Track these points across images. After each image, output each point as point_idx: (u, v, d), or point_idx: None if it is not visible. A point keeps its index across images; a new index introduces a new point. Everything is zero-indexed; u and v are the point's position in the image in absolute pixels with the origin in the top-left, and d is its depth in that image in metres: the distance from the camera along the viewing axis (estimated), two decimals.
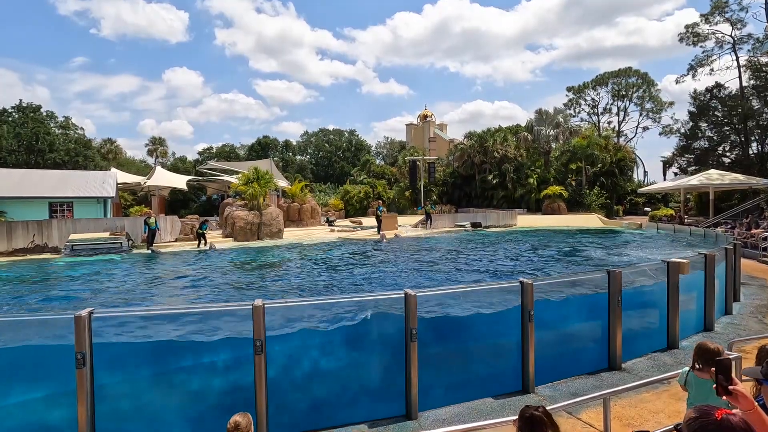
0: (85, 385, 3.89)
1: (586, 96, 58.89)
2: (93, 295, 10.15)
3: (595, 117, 59.51)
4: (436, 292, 5.31)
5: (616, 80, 56.59)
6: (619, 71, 56.36)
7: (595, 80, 57.73)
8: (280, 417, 4.27)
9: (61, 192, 26.40)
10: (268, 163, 35.09)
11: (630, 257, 15.14)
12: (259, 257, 16.73)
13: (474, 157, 43.76)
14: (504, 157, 42.57)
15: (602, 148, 41.65)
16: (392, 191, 47.13)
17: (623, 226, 29.28)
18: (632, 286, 6.43)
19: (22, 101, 48.10)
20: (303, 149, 76.27)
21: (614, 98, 57.73)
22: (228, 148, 69.00)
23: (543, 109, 46.47)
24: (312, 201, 32.11)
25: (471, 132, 47.85)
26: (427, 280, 11.50)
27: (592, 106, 59.28)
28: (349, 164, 66.65)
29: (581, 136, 43.32)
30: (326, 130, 77.32)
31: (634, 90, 56.44)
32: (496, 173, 42.53)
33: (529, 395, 5.04)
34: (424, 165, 41.23)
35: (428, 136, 68.17)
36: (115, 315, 4.19)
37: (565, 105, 58.01)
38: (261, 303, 4.13)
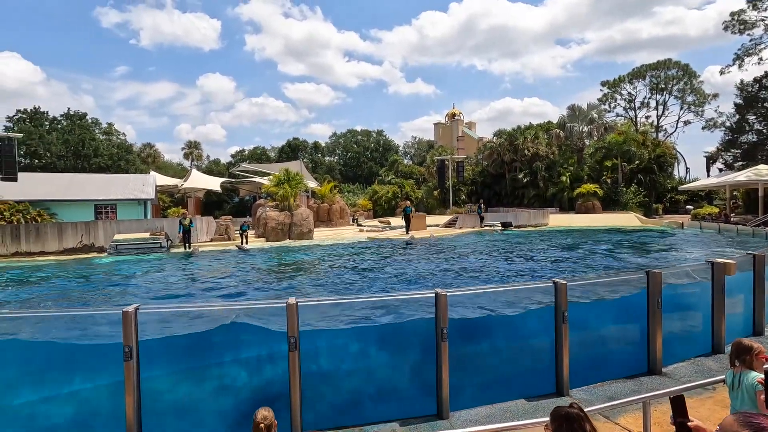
0: (132, 378, 4.11)
1: (622, 90, 56.69)
2: (138, 291, 10.68)
3: (632, 112, 57.21)
4: (467, 291, 5.28)
5: (655, 73, 54.16)
6: (657, 63, 53.92)
7: (632, 73, 55.47)
8: (312, 413, 4.37)
9: (105, 194, 27.88)
10: (298, 165, 35.76)
11: (671, 257, 14.49)
12: (291, 256, 17.09)
13: (503, 155, 43.01)
14: (535, 155, 41.60)
15: (640, 144, 39.99)
16: (420, 191, 46.99)
17: (663, 225, 28.02)
18: (673, 287, 6.17)
19: (69, 109, 51.15)
20: (331, 150, 77.18)
21: (652, 92, 55.28)
22: (259, 151, 70.74)
23: (576, 105, 45.08)
24: (341, 201, 32.47)
25: (500, 130, 47.09)
26: (458, 280, 11.42)
27: (629, 101, 57.00)
28: (377, 164, 66.91)
29: (617, 132, 41.77)
30: (354, 131, 77.93)
31: (674, 83, 53.87)
32: (527, 171, 41.62)
33: (563, 398, 4.93)
34: (452, 164, 40.88)
35: (456, 135, 67.51)
36: (158, 311, 4.41)
37: (600, 100, 55.98)
38: (294, 301, 4.23)
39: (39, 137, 45.47)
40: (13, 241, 18.16)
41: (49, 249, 18.51)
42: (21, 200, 24.09)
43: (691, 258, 13.82)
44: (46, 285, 12.19)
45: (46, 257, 17.81)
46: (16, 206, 23.68)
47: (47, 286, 11.96)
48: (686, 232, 23.85)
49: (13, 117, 48.77)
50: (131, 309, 4.08)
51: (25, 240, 18.32)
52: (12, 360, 4.26)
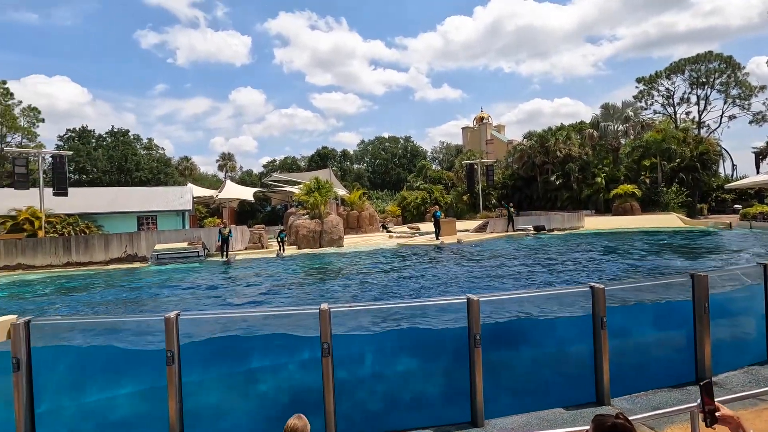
0: (174, 381, 4.29)
1: (659, 86, 54.36)
2: (179, 298, 11.12)
3: (671, 108, 54.72)
4: (500, 297, 5.20)
5: (695, 66, 51.64)
6: (697, 56, 51.42)
7: (670, 68, 53.13)
8: (347, 418, 4.40)
9: (147, 206, 29.31)
10: (328, 173, 36.32)
11: (718, 259, 13.71)
12: (324, 263, 17.33)
13: (534, 157, 42.05)
14: (567, 157, 40.44)
15: (680, 142, 38.14)
16: (449, 196, 46.59)
17: (709, 226, 26.56)
18: (723, 291, 5.84)
19: (113, 127, 54.22)
20: (360, 158, 77.90)
21: (693, 86, 52.71)
22: (290, 160, 72.36)
23: (609, 103, 43.51)
24: (370, 208, 32.67)
25: (530, 132, 46.15)
26: (490, 285, 11.24)
27: (667, 97, 54.58)
28: (406, 171, 66.95)
29: (655, 130, 40.02)
30: (382, 138, 78.39)
31: (716, 76, 51.17)
32: (560, 173, 40.49)
33: (603, 407, 4.75)
34: (481, 168, 40.37)
35: (485, 138, 66.70)
36: (198, 317, 4.59)
37: (635, 98, 53.90)
38: (327, 307, 4.30)
39: (86, 154, 48.41)
40: (65, 252, 19.35)
41: (97, 259, 19.59)
42: (71, 213, 25.71)
43: (742, 260, 13.02)
44: (98, 293, 12.90)
45: (94, 267, 18.86)
46: (67, 219, 25.27)
47: (99, 294, 12.67)
48: (735, 233, 22.49)
49: (63, 136, 52.23)
50: (173, 315, 4.26)
51: (75, 251, 19.48)
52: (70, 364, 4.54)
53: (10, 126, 47.05)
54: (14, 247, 18.88)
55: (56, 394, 4.39)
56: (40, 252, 19.13)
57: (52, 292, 13.48)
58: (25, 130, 48.36)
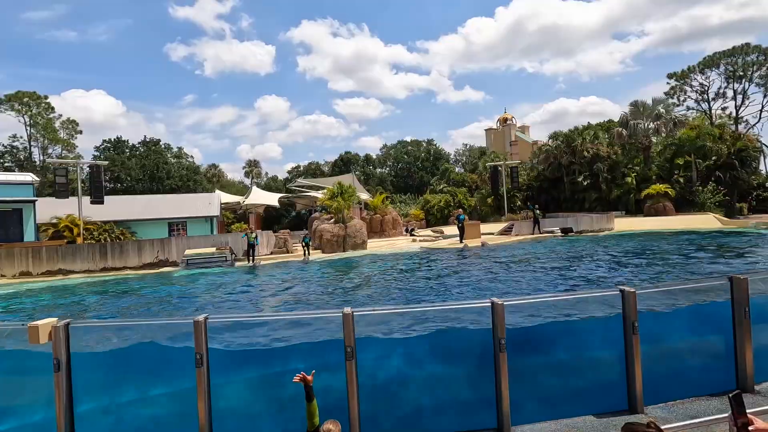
0: (203, 383, 4.40)
1: (693, 81, 52.18)
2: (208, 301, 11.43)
3: (705, 104, 52.41)
4: (525, 301, 5.10)
5: (730, 60, 49.36)
6: (733, 49, 49.13)
7: (703, 62, 50.96)
8: (371, 422, 4.40)
9: (177, 213, 30.29)
10: (351, 178, 36.59)
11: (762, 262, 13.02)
12: (348, 267, 17.45)
13: (561, 158, 41.11)
14: (595, 156, 39.35)
15: (716, 139, 36.51)
16: (473, 199, 46.08)
17: (750, 226, 25.26)
18: (765, 294, 5.53)
19: (145, 137, 56.42)
20: (383, 162, 78.12)
21: (729, 81, 50.36)
22: (313, 166, 73.32)
23: (639, 100, 42.07)
24: (393, 212, 32.70)
25: (556, 132, 45.19)
26: (514, 289, 11.04)
27: (701, 92, 52.32)
28: (428, 174, 66.66)
29: (688, 127, 38.47)
30: (404, 142, 78.36)
31: (754, 69, 48.73)
32: (587, 174, 39.41)
33: (637, 415, 4.57)
34: (506, 170, 39.77)
35: (509, 139, 65.75)
36: (225, 320, 4.70)
37: (667, 94, 51.92)
38: (350, 311, 4.32)
39: (121, 164, 50.53)
40: (101, 257, 20.22)
41: (131, 264, 20.37)
42: (107, 221, 26.86)
43: None
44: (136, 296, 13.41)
45: (128, 272, 19.63)
46: (104, 226, 26.40)
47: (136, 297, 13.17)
48: None
49: (99, 147, 54.71)
50: (201, 318, 4.38)
51: (111, 256, 20.32)
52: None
53: (51, 138, 49.70)
54: (55, 253, 19.87)
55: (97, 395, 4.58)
56: (78, 258, 20.05)
57: (90, 295, 14.10)
58: (64, 142, 50.97)
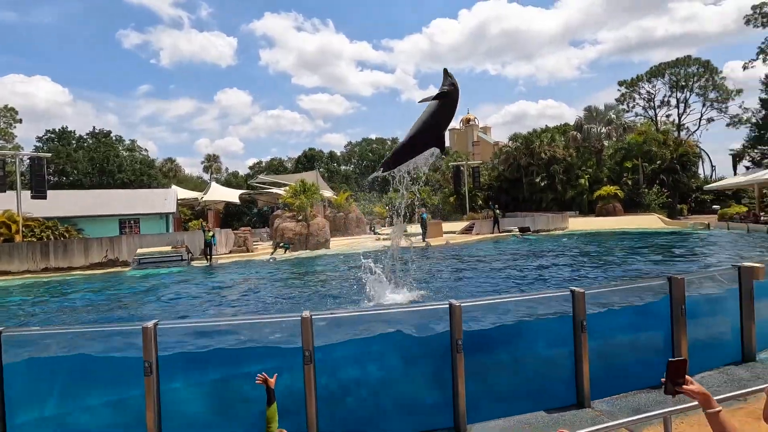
0: (153, 392, 4.20)
1: (641, 89, 55.53)
2: (159, 306, 10.91)
3: (652, 111, 55.93)
4: (482, 302, 5.22)
5: (674, 70, 52.89)
6: (677, 61, 52.68)
7: (650, 72, 54.31)
8: (329, 426, 4.36)
9: (129, 210, 28.74)
10: (314, 175, 36.14)
11: (696, 261, 14.03)
12: (310, 266, 17.21)
13: (520, 159, 42.53)
14: (552, 158, 41.01)
15: (661, 144, 39.01)
16: (436, 197, 46.78)
17: (688, 227, 27.19)
18: (699, 293, 5.96)
19: (95, 128, 53.13)
20: (347, 159, 77.78)
21: (672, 90, 53.97)
22: (276, 162, 71.85)
23: (593, 106, 44.35)
24: (357, 210, 32.62)
25: (516, 134, 46.66)
26: (475, 288, 11.30)
27: (648, 100, 55.78)
28: None
29: (636, 132, 40.87)
30: (369, 140, 78.40)
31: (695, 80, 52.49)
32: (544, 175, 41.02)
33: (584, 410, 4.81)
34: (468, 170, 40.64)
35: (471, 140, 67.23)
36: (177, 326, 4.50)
37: (617, 100, 54.97)
38: (309, 314, 4.27)
39: (66, 156, 47.30)
40: (43, 257, 18.84)
41: (76, 264, 19.12)
42: (50, 217, 25.03)
43: (718, 261, 13.34)
44: (76, 299, 12.58)
45: (74, 272, 18.40)
46: (46, 223, 24.60)
47: (76, 301, 12.35)
48: (713, 233, 23.06)
49: (42, 137, 50.91)
50: (150, 325, 4.17)
51: (54, 256, 18.98)
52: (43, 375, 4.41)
53: None
54: None
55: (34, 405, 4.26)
56: (16, 257, 18.59)
57: (28, 299, 13.11)
58: (1, 131, 47.06)
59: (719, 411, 1.66)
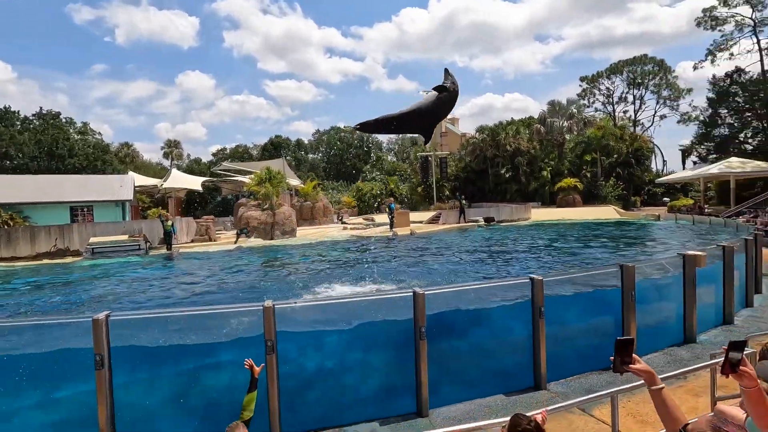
0: (104, 387, 4.01)
1: (600, 85, 57.71)
2: (112, 297, 10.42)
3: (610, 107, 58.33)
4: (445, 290, 5.31)
5: (631, 68, 55.27)
6: (634, 59, 55.04)
7: (609, 69, 56.50)
8: (291, 415, 4.33)
9: (81, 196, 27.10)
10: (281, 163, 35.37)
11: (645, 250, 14.85)
12: (275, 256, 16.93)
13: (486, 151, 43.33)
14: (517, 151, 42.04)
15: (618, 138, 40.80)
16: (404, 187, 47.03)
17: (640, 218, 28.71)
18: (647, 279, 6.31)
19: (42, 108, 49.49)
20: (315, 148, 76.62)
21: (630, 87, 56.44)
22: (241, 149, 69.81)
23: (556, 100, 45.94)
24: (324, 199, 32.29)
25: (482, 126, 47.43)
26: (438, 277, 11.48)
27: (607, 96, 58.09)
28: (361, 161, 66.68)
29: (596, 127, 42.51)
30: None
31: (650, 78, 55.08)
32: (509, 167, 42.04)
33: (540, 392, 5.01)
34: (435, 160, 41.02)
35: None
36: (131, 317, 4.31)
37: (579, 95, 56.98)
38: (271, 304, 4.19)
39: (9, 138, 43.90)
40: None
41: (21, 254, 17.93)
42: None
43: (665, 250, 14.18)
44: (17, 293, 11.80)
45: (17, 263, 17.25)
46: None
47: (17, 294, 11.59)
48: (662, 224, 24.47)
49: None
50: (102, 316, 3.97)
51: None
52: None
53: None
54: None
55: None
56: None
57: None
58: None
59: (662, 388, 1.77)
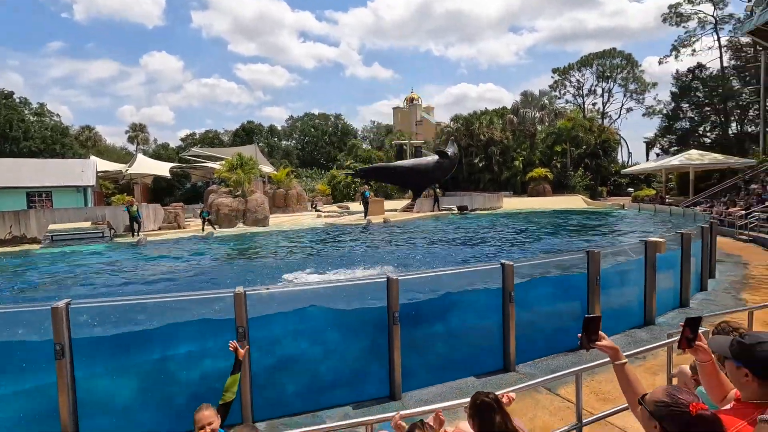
0: (66, 377, 3.86)
1: (571, 77, 58.92)
2: (72, 285, 10.00)
3: (580, 99, 59.75)
4: (418, 275, 5.35)
5: (601, 61, 56.65)
6: (603, 52, 56.41)
7: (580, 61, 57.72)
8: (265, 401, 4.30)
9: (38, 181, 25.68)
10: (253, 149, 34.59)
11: (610, 237, 15.45)
12: (246, 244, 16.62)
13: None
14: (490, 140, 42.65)
15: (587, 130, 41.97)
16: None
17: (606, 207, 29.79)
18: (612, 265, 6.57)
19: None
20: (288, 134, 75.20)
21: (599, 79, 57.89)
22: (211, 134, 67.74)
23: (528, 91, 46.72)
24: (298, 187, 31.87)
25: (457, 115, 47.73)
26: (412, 263, 11.58)
27: (577, 88, 59.39)
28: (336, 149, 65.98)
29: (566, 118, 43.55)
30: (311, 115, 76.23)
31: (618, 71, 56.64)
32: (483, 156, 42.65)
33: (509, 373, 5.17)
34: (410, 149, 41.08)
35: (415, 119, 67.71)
36: (92, 305, 4.14)
37: (551, 87, 58.03)
38: (242, 290, 4.11)
39: None
40: None
41: None
42: None
43: (629, 237, 14.79)
44: None
45: None
46: None
47: None
48: (626, 213, 25.49)
49: None
50: (62, 304, 3.80)
51: None
52: None
53: None
54: None
55: None
56: None
57: None
58: None
59: (625, 363, 1.86)
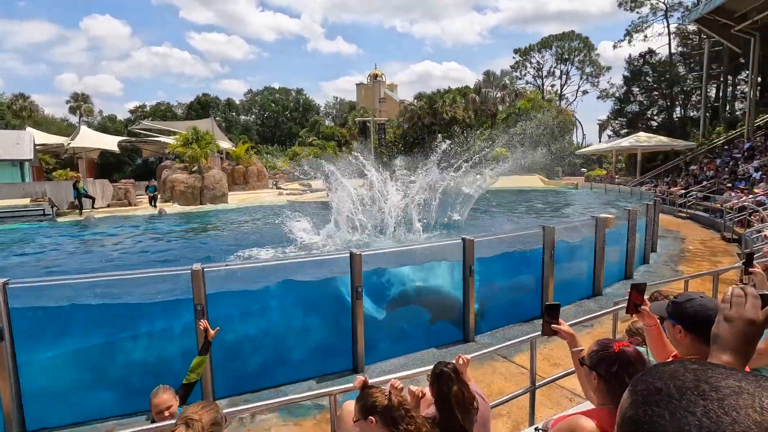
0: (6, 360, 3.63)
1: (532, 59, 60.02)
2: (9, 265, 9.32)
3: (540, 80, 61.13)
4: (381, 251, 5.39)
5: (560, 44, 57.94)
6: (563, 35, 57.68)
7: (541, 43, 58.76)
8: (227, 378, 4.25)
9: None
10: (209, 123, 33.04)
11: (566, 213, 16.18)
12: (202, 221, 16.05)
13: (423, 118, 43.77)
14: (453, 119, 42.97)
15: (545, 111, 43.13)
16: (342, 153, 46.34)
17: (562, 186, 31.07)
18: (565, 240, 6.89)
19: None
20: (247, 109, 72.29)
21: (558, 62, 59.32)
22: (164, 107, 63.91)
23: (490, 71, 46.93)
24: (258, 163, 30.94)
25: (420, 93, 47.62)
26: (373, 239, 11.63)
27: (537, 69, 60.66)
28: (297, 125, 64.26)
29: (526, 99, 44.50)
30: (272, 89, 73.42)
31: (576, 54, 58.23)
32: (445, 135, 42.94)
33: (469, 344, 5.37)
34: (374, 126, 40.72)
35: (378, 96, 66.82)
36: (34, 284, 3.87)
37: (512, 67, 58.85)
38: (200, 267, 3.98)
39: None
40: None
41: None
42: None
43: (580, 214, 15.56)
44: None
45: None
46: None
47: None
48: (579, 192, 26.73)
49: None
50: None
51: None
52: None
53: None
54: None
55: None
56: None
57: None
58: None
59: (582, 350, 1.98)
